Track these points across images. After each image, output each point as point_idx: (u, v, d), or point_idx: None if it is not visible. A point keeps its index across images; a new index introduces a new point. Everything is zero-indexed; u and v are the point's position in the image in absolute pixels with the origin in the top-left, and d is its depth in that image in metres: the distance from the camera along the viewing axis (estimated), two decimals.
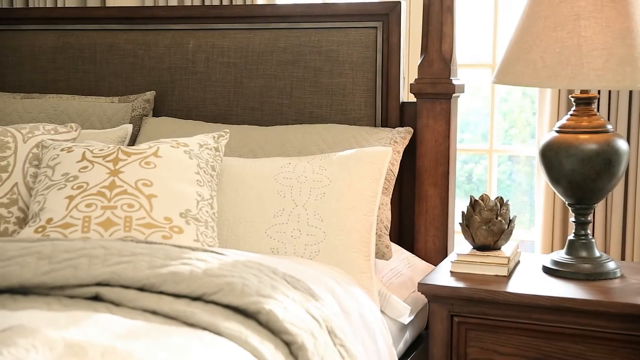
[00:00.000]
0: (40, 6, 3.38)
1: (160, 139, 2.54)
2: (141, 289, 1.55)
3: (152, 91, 2.82)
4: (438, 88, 2.51)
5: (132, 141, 2.68)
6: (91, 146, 2.08)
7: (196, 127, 2.63)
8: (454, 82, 2.52)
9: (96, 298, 1.56)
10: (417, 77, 2.55)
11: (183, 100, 2.82)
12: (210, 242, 1.93)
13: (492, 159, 3.42)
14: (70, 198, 1.91)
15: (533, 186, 4.25)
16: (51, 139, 2.25)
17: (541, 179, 3.12)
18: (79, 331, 1.34)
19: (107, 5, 3.63)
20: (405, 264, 2.45)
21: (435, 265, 2.53)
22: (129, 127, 2.60)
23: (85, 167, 1.98)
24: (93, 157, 2.01)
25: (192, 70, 2.80)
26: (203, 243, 1.91)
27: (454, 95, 2.53)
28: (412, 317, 2.23)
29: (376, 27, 2.59)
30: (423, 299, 2.36)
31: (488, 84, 3.56)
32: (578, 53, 1.96)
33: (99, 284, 1.56)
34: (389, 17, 2.58)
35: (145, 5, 3.53)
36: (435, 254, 2.58)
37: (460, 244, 2.67)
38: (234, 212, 2.11)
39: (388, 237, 2.27)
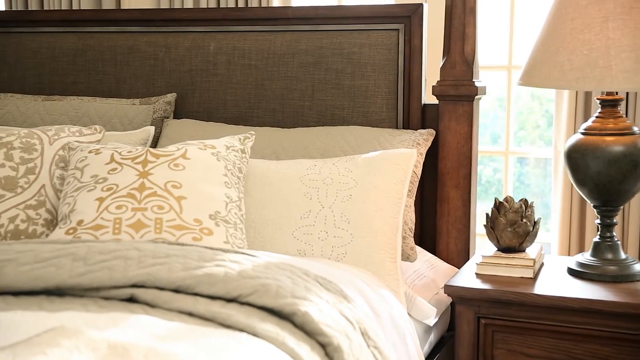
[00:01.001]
0: (59, 8, 3.39)
1: (183, 140, 2.55)
2: (176, 291, 1.55)
3: (173, 93, 2.82)
4: (461, 90, 2.51)
5: (154, 143, 2.68)
6: (119, 148, 2.08)
7: (218, 129, 2.63)
8: (476, 84, 2.52)
9: (131, 299, 1.56)
10: (439, 79, 2.55)
11: (204, 102, 2.82)
12: (239, 243, 1.94)
13: (508, 161, 3.42)
14: (101, 200, 1.92)
15: (543, 188, 4.26)
16: (76, 141, 2.26)
17: (558, 181, 3.12)
18: (119, 332, 1.35)
19: (122, 7, 3.64)
20: (427, 266, 2.45)
21: (458, 267, 2.54)
22: (151, 129, 2.61)
23: (115, 169, 1.99)
24: (122, 159, 2.02)
25: (213, 72, 2.81)
26: (233, 245, 1.92)
27: (476, 97, 2.53)
28: (436, 319, 2.23)
29: (398, 29, 2.60)
30: (446, 300, 2.37)
31: (503, 86, 3.56)
32: (606, 55, 1.96)
33: (133, 286, 1.56)
34: (411, 19, 2.58)
35: (164, 7, 3.55)
36: (457, 256, 2.58)
37: (481, 246, 2.67)
38: (261, 213, 2.12)
39: (413, 239, 2.27)
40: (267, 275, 1.58)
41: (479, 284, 2.12)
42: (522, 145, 4.23)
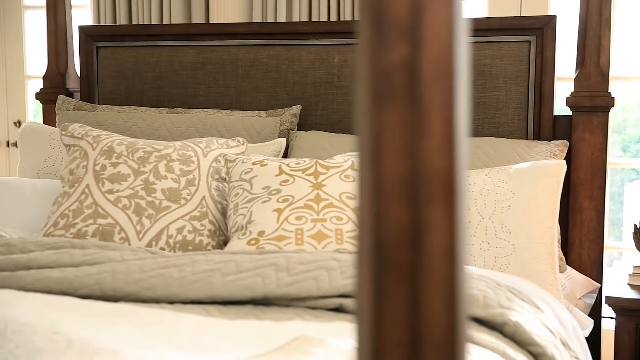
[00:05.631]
0: (176, 23, 3.44)
1: (315, 152, 2.58)
2: None
3: (299, 105, 2.85)
4: (596, 101, 2.52)
5: (284, 154, 2.71)
6: (285, 160, 2.11)
7: (347, 140, 2.66)
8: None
9: (337, 309, 1.58)
10: (572, 91, 2.56)
11: (327, 114, 2.85)
12: None
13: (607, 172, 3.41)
14: (279, 211, 1.95)
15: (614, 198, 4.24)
16: (223, 153, 2.30)
17: None
18: None
19: (210, 21, 3.68)
20: (564, 277, 2.45)
21: (591, 277, 2.53)
22: (282, 141, 2.64)
23: (286, 181, 2.01)
24: (291, 170, 2.04)
25: (337, 85, 2.83)
26: None
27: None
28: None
29: (529, 41, 2.61)
30: (585, 311, 2.37)
31: None
32: None
33: (340, 295, 1.58)
34: (544, 31, 2.59)
35: (257, 20, 3.59)
36: (590, 267, 2.57)
37: (614, 258, 2.67)
38: None
39: (560, 250, 2.28)
40: (470, 286, 1.60)
41: (638, 295, 2.12)
42: None
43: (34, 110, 4.48)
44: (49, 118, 3.23)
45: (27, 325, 1.26)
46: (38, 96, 3.28)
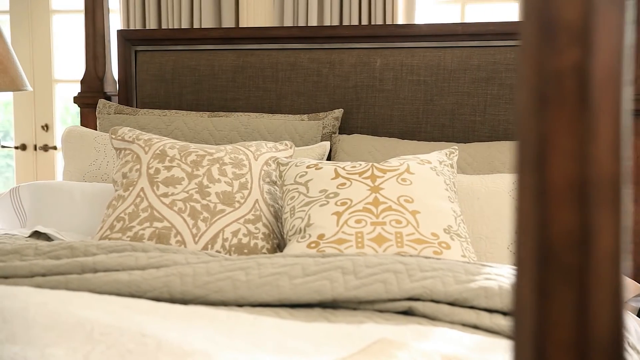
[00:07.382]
0: (220, 27, 3.45)
1: (361, 155, 2.59)
2: (451, 304, 1.58)
3: (341, 109, 2.86)
4: None
5: (328, 157, 2.72)
6: (339, 163, 2.12)
7: (392, 143, 2.66)
8: None
9: (406, 312, 1.59)
10: None
11: (369, 117, 2.86)
12: (473, 257, 1.96)
13: None
14: (338, 214, 1.95)
15: None
16: (274, 156, 2.31)
17: None
18: (437, 344, 1.37)
19: (240, 25, 3.68)
20: None
21: (637, 281, 2.53)
22: (327, 145, 2.65)
23: (343, 184, 2.02)
24: (347, 174, 2.05)
25: (379, 88, 2.84)
26: (469, 259, 1.94)
27: None
28: None
29: None
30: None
31: None
32: None
33: (409, 299, 1.59)
34: None
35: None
36: (636, 270, 2.57)
37: None
38: (473, 228, 2.14)
39: None
40: None
41: None
42: None
43: (61, 115, 4.51)
44: (86, 122, 3.24)
45: (112, 327, 1.27)
46: (76, 100, 3.29)
